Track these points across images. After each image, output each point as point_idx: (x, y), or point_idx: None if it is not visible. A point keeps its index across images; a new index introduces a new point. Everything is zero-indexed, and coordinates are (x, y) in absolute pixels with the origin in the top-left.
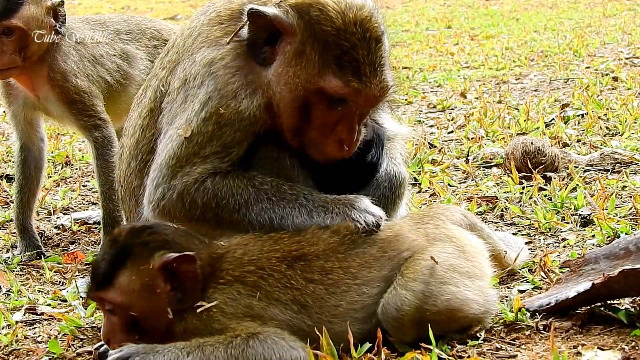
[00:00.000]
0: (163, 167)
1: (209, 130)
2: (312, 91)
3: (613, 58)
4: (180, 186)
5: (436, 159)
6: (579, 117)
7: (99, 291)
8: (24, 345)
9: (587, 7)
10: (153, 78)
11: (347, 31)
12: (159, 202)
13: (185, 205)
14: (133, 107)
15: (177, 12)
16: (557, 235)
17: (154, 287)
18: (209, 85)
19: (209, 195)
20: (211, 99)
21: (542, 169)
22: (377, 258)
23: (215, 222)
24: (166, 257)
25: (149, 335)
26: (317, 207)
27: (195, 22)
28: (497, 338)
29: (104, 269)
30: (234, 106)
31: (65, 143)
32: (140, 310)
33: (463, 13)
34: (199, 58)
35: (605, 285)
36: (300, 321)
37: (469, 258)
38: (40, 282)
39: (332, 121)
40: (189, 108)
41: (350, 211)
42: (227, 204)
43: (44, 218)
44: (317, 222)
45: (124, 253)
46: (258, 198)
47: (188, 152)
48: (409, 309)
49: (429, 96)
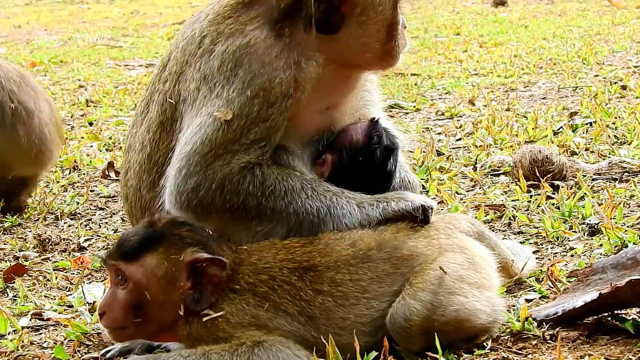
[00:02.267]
0: (195, 156)
1: (254, 111)
2: (393, 13)
3: (622, 66)
4: (221, 175)
5: (444, 166)
6: (587, 125)
7: (121, 261)
8: (29, 351)
9: (596, 15)
10: (154, 93)
11: None
12: (191, 192)
13: (226, 196)
14: (134, 124)
15: (186, 18)
16: (564, 245)
17: (175, 280)
18: (252, 63)
19: (256, 184)
20: (259, 75)
21: (550, 177)
22: (390, 274)
23: (256, 211)
24: (198, 255)
25: (147, 323)
26: (365, 200)
27: (190, 31)
28: (503, 347)
29: (134, 243)
30: (292, 75)
31: (73, 148)
32: (153, 295)
33: (472, 20)
34: (221, 49)
35: (613, 295)
36: (307, 332)
37: (478, 269)
38: (46, 287)
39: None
40: (225, 92)
41: (405, 197)
42: (272, 191)
43: (52, 223)
44: (367, 214)
45: (159, 237)
46: (303, 187)
47: (227, 138)
48: (418, 319)
49: (437, 103)
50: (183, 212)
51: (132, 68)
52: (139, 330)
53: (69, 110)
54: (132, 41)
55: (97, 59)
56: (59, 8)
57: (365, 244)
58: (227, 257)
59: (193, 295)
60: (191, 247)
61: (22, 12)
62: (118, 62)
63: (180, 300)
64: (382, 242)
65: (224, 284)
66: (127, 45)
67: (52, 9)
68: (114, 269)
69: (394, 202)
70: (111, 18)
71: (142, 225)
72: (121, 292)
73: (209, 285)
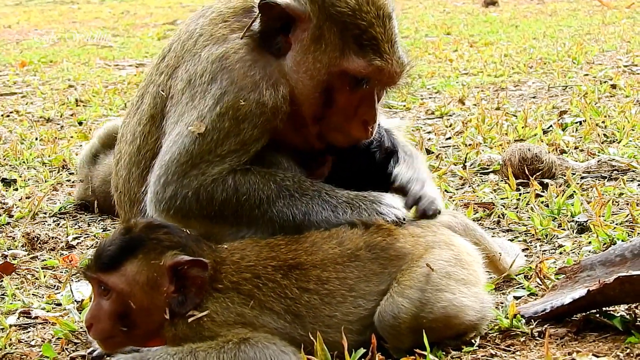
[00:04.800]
0: (172, 165)
1: (225, 126)
2: (335, 74)
3: (612, 66)
4: (196, 184)
5: (434, 165)
6: (577, 124)
7: (101, 272)
8: (17, 349)
9: (586, 14)
10: (150, 85)
11: (362, 10)
12: (169, 200)
13: (202, 203)
14: (129, 114)
15: (177, 17)
16: (553, 242)
17: (158, 285)
18: (223, 80)
19: (229, 193)
20: (227, 93)
21: (539, 175)
22: (377, 273)
23: (233, 219)
24: (178, 258)
25: (135, 330)
26: (342, 202)
27: (194, 25)
28: (491, 344)
29: (113, 252)
30: (254, 98)
31: (62, 147)
32: (137, 302)
33: (462, 20)
34: (205, 55)
35: (601, 292)
36: (294, 330)
37: (465, 265)
38: (35, 285)
39: (354, 103)
40: (200, 105)
41: (379, 206)
42: (247, 199)
43: (40, 222)
44: (342, 219)
45: (137, 243)
46: (280, 194)
47: (202, 149)
48: (406, 317)
49: (428, 102)
50: (164, 218)
51: (122, 68)
52: (127, 338)
53: (58, 109)
54: (123, 41)
55: (87, 58)
56: (49, 8)
57: (353, 244)
58: (208, 257)
59: (178, 299)
60: (171, 250)
61: (12, 12)
62: (108, 62)
63: (165, 305)
64: (370, 243)
65: (207, 285)
66: (117, 45)
67: (42, 9)
68: (96, 281)
69: (367, 212)
70: (101, 18)
71: (119, 233)
72: (106, 303)
73: (193, 287)
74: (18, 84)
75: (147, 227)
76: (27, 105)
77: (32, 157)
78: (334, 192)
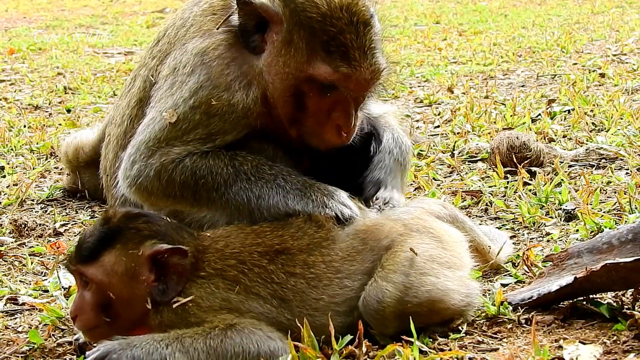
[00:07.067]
0: (141, 146)
1: (196, 118)
2: (302, 79)
3: (600, 55)
4: (158, 164)
5: (422, 152)
6: (566, 112)
7: (81, 264)
8: (4, 335)
9: (575, 3)
10: (142, 67)
11: (333, 16)
12: (135, 178)
13: (163, 183)
14: (121, 96)
15: (166, 6)
16: (541, 230)
17: (138, 275)
18: (201, 75)
19: (187, 174)
20: (202, 88)
21: (527, 163)
22: (359, 251)
23: (193, 200)
24: (157, 247)
25: (119, 320)
26: (295, 190)
27: (188, 13)
28: (478, 331)
29: (91, 244)
30: (226, 98)
31: (51, 134)
32: (118, 293)
33: (452, 9)
34: (191, 47)
35: (588, 280)
36: (280, 315)
37: (447, 248)
38: (22, 272)
39: (326, 108)
40: (177, 94)
41: (328, 200)
42: (205, 182)
43: (28, 209)
44: (291, 206)
45: (115, 234)
46: (237, 177)
47: (170, 135)
48: (391, 301)
49: (416, 91)
50: (130, 195)
51: (111, 56)
52: (112, 328)
53: (47, 97)
54: (112, 29)
55: (75, 46)
56: None
57: (330, 224)
58: (189, 245)
59: (158, 287)
60: (149, 239)
61: (0, 0)
62: (97, 49)
63: (147, 294)
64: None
65: (189, 273)
66: (106, 33)
67: None
68: (77, 273)
69: (315, 203)
70: (90, 6)
71: (98, 224)
72: (88, 294)
73: (174, 275)
74: (6, 71)
75: (125, 217)
76: (16, 93)
77: (20, 144)
78: (290, 178)
